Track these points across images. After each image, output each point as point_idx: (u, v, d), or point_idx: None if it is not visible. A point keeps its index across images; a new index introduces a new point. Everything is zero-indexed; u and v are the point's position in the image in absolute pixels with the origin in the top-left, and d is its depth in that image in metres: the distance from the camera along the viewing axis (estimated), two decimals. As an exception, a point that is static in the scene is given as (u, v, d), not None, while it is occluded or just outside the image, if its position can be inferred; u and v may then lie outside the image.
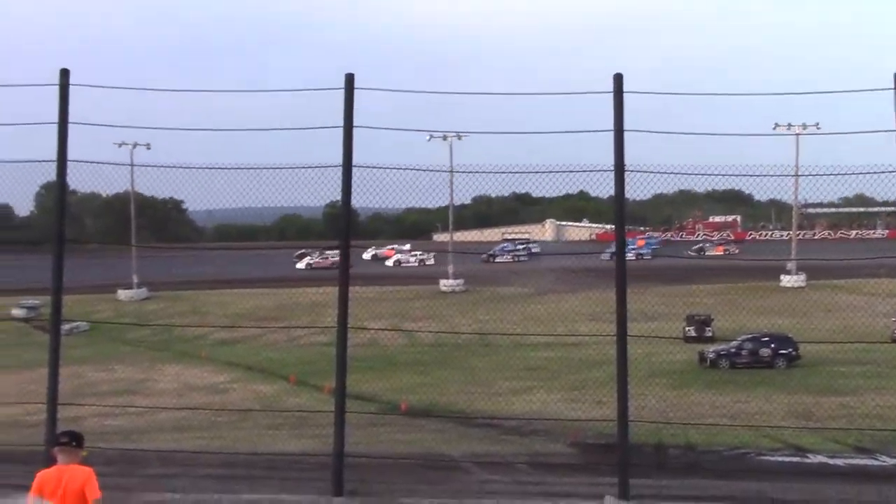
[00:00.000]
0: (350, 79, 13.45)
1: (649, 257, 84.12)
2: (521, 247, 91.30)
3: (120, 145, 53.34)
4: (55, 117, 13.72)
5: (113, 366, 43.83)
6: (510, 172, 15.48)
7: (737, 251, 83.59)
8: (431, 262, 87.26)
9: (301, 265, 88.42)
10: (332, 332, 13.34)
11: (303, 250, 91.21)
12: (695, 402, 32.87)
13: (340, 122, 13.61)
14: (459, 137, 54.96)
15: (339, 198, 13.86)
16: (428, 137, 54.06)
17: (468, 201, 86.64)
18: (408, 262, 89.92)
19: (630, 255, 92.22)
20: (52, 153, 13.91)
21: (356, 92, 13.49)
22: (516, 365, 41.30)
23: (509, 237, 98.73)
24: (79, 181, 14.61)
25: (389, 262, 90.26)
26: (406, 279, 72.14)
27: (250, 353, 47.90)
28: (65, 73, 13.53)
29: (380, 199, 15.17)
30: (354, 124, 13.48)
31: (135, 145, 54.26)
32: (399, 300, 62.00)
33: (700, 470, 22.15)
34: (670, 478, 19.31)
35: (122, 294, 72.60)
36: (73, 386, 14.38)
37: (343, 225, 13.82)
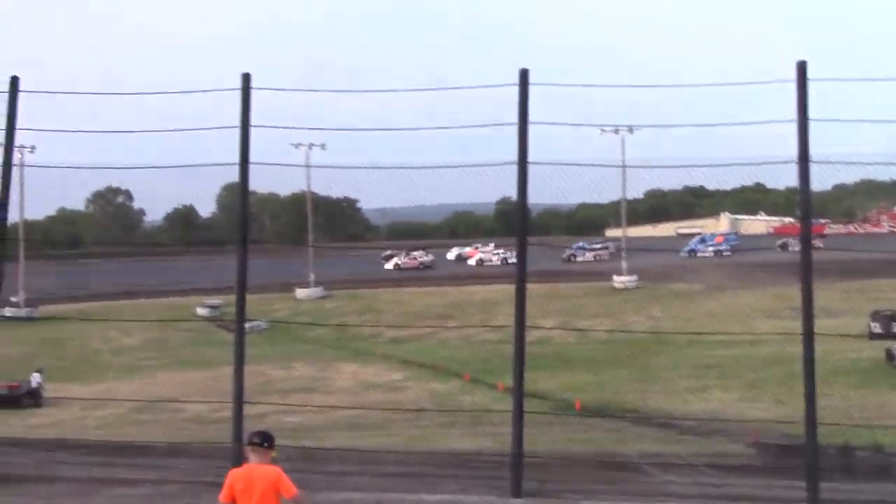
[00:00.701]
0: (524, 74, 13.31)
1: (729, 253, 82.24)
2: (598, 245, 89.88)
3: (296, 146, 54.59)
4: (225, 121, 14.06)
5: (292, 364, 44.87)
6: (683, 167, 15.10)
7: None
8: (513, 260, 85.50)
9: (389, 266, 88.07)
10: (505, 329, 13.25)
11: (388, 252, 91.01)
12: (883, 402, 31.57)
13: (505, 118, 13.56)
14: (631, 131, 54.12)
15: (510, 194, 13.76)
16: (599, 131, 53.43)
17: (641, 196, 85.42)
18: (490, 260, 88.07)
19: (709, 252, 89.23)
20: (225, 155, 14.25)
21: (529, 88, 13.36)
22: (692, 363, 40.51)
23: (683, 231, 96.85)
24: (257, 182, 14.92)
25: (472, 262, 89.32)
26: (579, 276, 71.58)
27: (424, 351, 48.35)
28: (246, 78, 13.80)
29: (552, 194, 15.01)
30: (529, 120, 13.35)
31: (311, 146, 55.45)
32: (571, 297, 61.62)
33: (891, 474, 21.18)
34: (859, 482, 18.50)
35: (300, 293, 74.38)
36: (254, 383, 14.70)
37: (519, 221, 13.69)
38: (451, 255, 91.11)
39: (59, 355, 51.03)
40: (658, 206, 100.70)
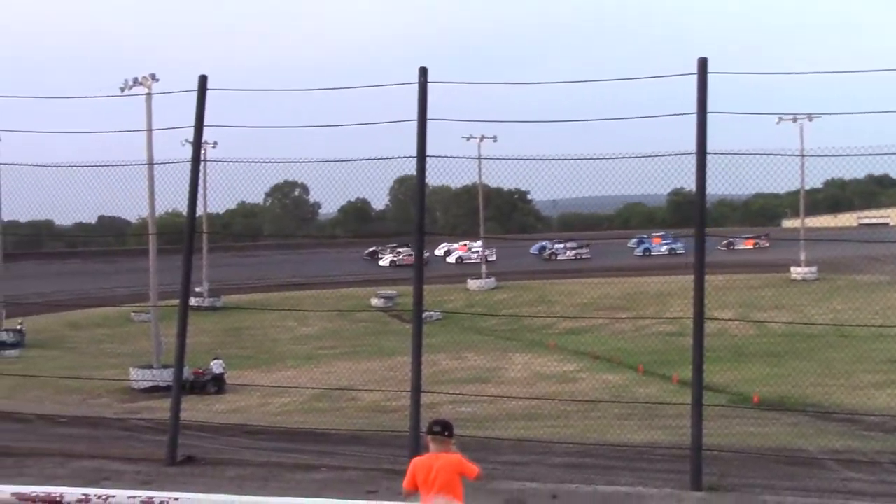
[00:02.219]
0: (703, 63, 13.08)
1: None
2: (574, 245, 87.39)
3: (468, 139, 55.07)
4: (396, 115, 14.27)
5: (465, 354, 45.18)
6: (867, 155, 14.56)
7: None
8: (494, 258, 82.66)
9: (384, 262, 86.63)
10: (679, 321, 13.07)
11: (375, 248, 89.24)
12: None
13: (682, 108, 13.37)
14: (810, 119, 52.71)
15: (682, 184, 13.55)
16: (777, 120, 52.20)
17: (819, 185, 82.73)
18: (470, 258, 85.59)
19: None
20: (397, 148, 14.46)
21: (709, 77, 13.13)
22: (877, 357, 39.03)
23: (865, 222, 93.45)
24: (430, 175, 15.08)
25: (451, 259, 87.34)
26: (754, 267, 69.92)
27: (598, 343, 48.02)
28: (423, 72, 13.98)
29: (727, 184, 14.72)
30: (708, 110, 13.13)
31: (482, 138, 55.82)
32: (747, 288, 60.21)
33: None
34: None
35: (472, 284, 74.96)
36: (428, 373, 14.87)
37: (698, 212, 13.44)
38: (440, 251, 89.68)
39: (239, 344, 52.82)
40: (838, 196, 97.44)
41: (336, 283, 71.31)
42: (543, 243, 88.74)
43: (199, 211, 17.27)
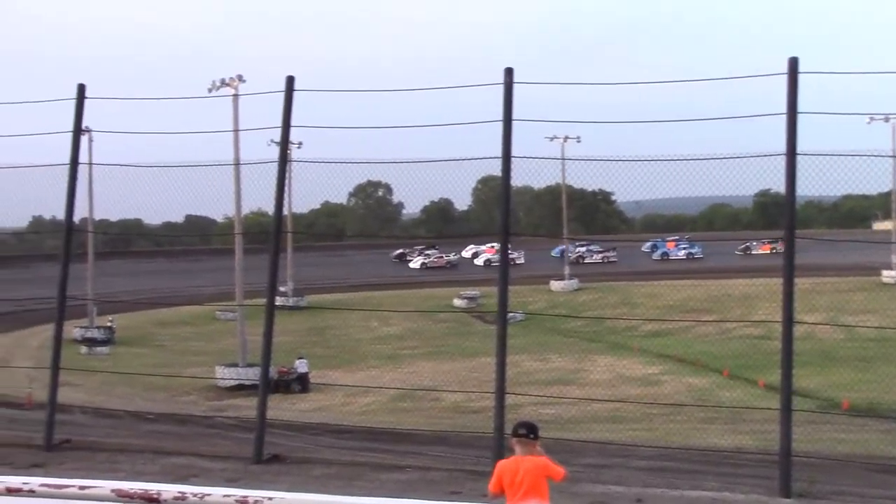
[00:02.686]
0: (794, 63, 12.89)
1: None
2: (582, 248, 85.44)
3: (551, 139, 54.90)
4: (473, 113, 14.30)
5: (547, 355, 45.02)
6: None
7: None
8: (521, 261, 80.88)
9: (415, 265, 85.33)
10: (765, 325, 12.88)
11: (403, 250, 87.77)
12: None
13: (767, 109, 13.21)
14: (902, 119, 51.72)
15: (769, 186, 13.38)
16: (868, 120, 51.24)
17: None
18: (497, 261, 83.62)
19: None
20: (479, 148, 14.48)
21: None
22: (974, 363, 38.05)
23: None
24: (513, 175, 15.07)
25: (479, 262, 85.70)
26: (843, 270, 68.59)
27: (681, 346, 47.55)
28: (509, 73, 13.97)
29: (816, 186, 14.49)
30: (798, 110, 12.94)
31: (565, 139, 55.63)
32: (836, 292, 59.08)
33: None
34: None
35: (555, 285, 74.70)
36: (511, 374, 14.84)
37: (788, 214, 13.25)
38: (467, 252, 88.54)
39: (323, 343, 53.25)
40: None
41: (418, 283, 71.62)
42: (562, 246, 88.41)
43: (284, 211, 17.47)
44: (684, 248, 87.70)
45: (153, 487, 4.31)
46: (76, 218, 18.68)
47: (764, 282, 50.81)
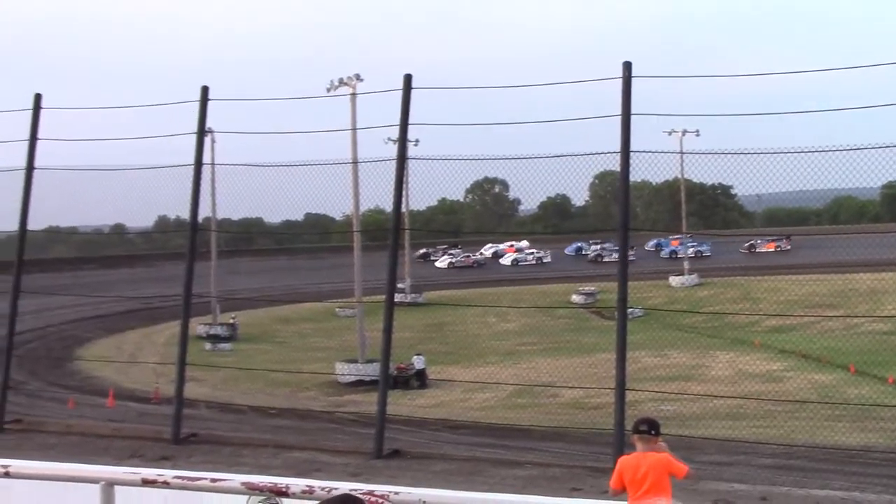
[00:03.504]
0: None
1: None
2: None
3: (669, 133, 54.19)
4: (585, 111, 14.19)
5: (666, 351, 44.50)
6: None
7: None
8: (548, 259, 79.20)
9: (442, 264, 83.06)
10: (894, 320, 12.49)
11: (426, 249, 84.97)
12: None
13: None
14: None
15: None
16: None
17: None
18: (526, 260, 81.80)
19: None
20: (593, 144, 14.39)
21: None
22: None
23: None
24: (631, 170, 14.95)
25: (506, 261, 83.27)
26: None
27: (805, 341, 46.48)
28: (627, 67, 13.86)
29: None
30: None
31: (684, 132, 54.83)
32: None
33: None
34: None
35: (674, 280, 73.74)
36: (630, 370, 14.71)
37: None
38: (487, 251, 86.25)
39: (441, 339, 53.47)
40: None
41: (535, 280, 71.37)
42: (579, 244, 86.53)
43: (402, 208, 17.64)
44: (692, 246, 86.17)
45: (282, 481, 4.40)
46: (200, 217, 19.12)
47: (892, 276, 49.47)
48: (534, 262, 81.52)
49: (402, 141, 15.82)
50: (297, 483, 4.33)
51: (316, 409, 30.86)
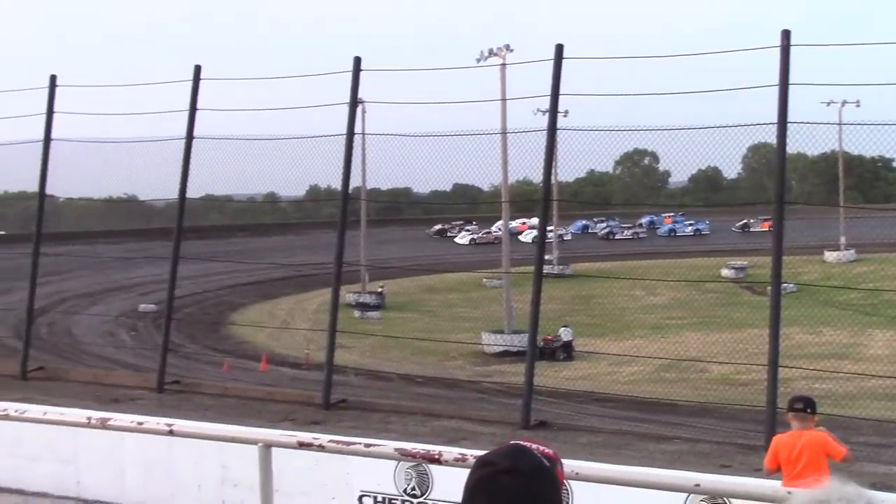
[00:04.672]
0: None
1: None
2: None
3: (828, 104, 52.49)
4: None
5: (820, 328, 43.36)
6: None
7: None
8: (569, 237, 75.03)
9: (462, 241, 78.32)
10: None
11: (442, 225, 80.00)
12: None
13: None
14: None
15: None
16: None
17: None
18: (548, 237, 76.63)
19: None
20: (745, 115, 14.04)
21: None
22: None
23: None
24: (787, 142, 14.57)
25: (527, 238, 78.43)
26: None
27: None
28: (786, 35, 13.54)
29: None
30: None
31: (843, 103, 53.08)
32: None
33: None
34: None
35: (829, 256, 71.70)
36: (782, 347, 14.36)
37: None
38: (495, 229, 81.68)
39: (587, 311, 53.18)
40: None
41: (684, 253, 70.31)
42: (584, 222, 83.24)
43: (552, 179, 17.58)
44: (690, 225, 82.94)
45: (434, 448, 4.44)
46: (350, 187, 19.39)
47: None
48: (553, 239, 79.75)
49: (553, 111, 15.74)
50: (450, 451, 4.37)
51: (462, 379, 31.12)
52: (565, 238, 77.41)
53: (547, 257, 65.07)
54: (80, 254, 40.69)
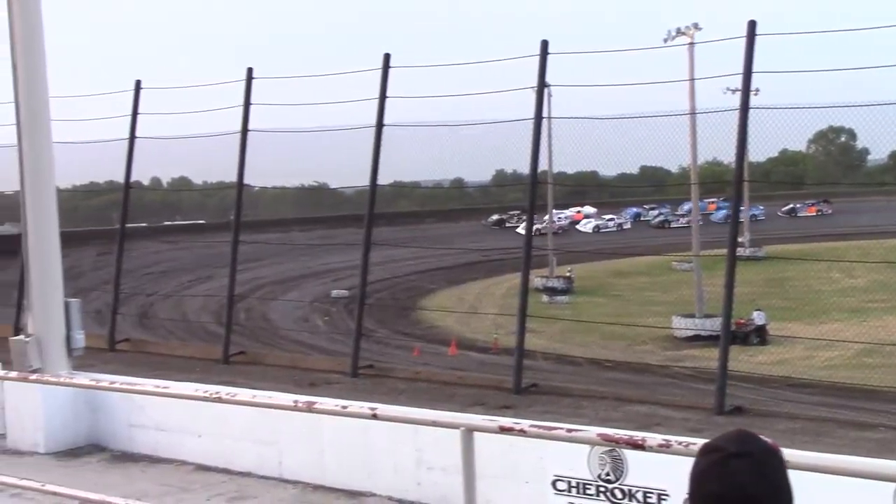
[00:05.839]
0: None
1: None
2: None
3: None
4: None
5: None
6: None
7: None
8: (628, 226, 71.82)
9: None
10: None
11: (500, 215, 72.07)
12: None
13: None
14: None
15: None
16: None
17: None
18: (607, 227, 72.70)
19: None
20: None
21: None
22: None
23: None
24: None
25: (587, 228, 73.06)
26: None
27: None
28: None
29: None
30: None
31: None
32: None
33: None
34: None
35: None
36: None
37: None
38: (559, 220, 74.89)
39: (781, 295, 51.72)
40: None
41: (885, 233, 67.54)
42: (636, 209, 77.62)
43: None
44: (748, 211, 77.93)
45: (637, 435, 4.39)
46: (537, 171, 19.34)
47: None
48: (614, 227, 75.67)
49: (746, 90, 15.34)
50: (654, 437, 4.31)
51: (652, 363, 30.75)
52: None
53: (738, 239, 63.78)
54: (276, 241, 41.98)
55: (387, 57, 19.06)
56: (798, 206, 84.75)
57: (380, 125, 19.14)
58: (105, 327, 23.45)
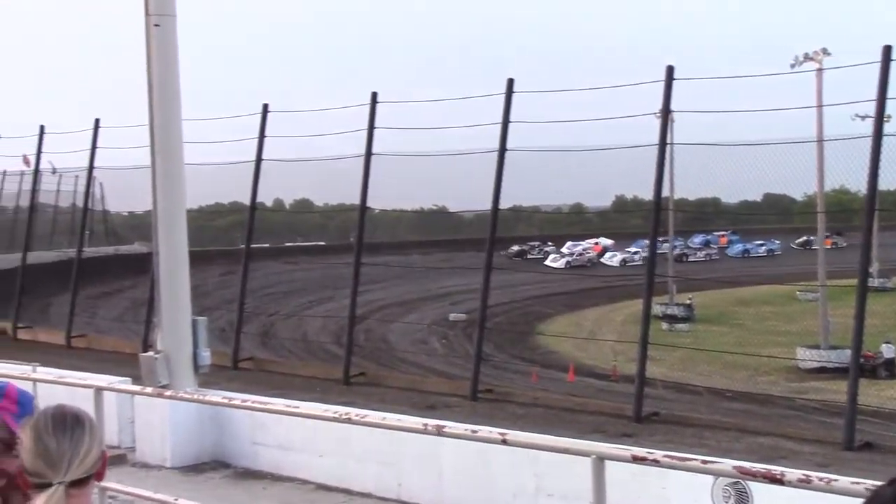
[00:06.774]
0: None
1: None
2: None
3: None
4: None
5: None
6: None
7: None
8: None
9: (558, 264, 63.76)
10: None
11: (520, 246, 64.61)
12: None
13: None
14: None
15: None
16: None
17: None
18: (632, 260, 64.18)
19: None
20: None
21: None
22: None
23: None
24: None
25: (613, 262, 65.60)
26: None
27: None
28: None
29: None
30: None
31: None
32: None
33: None
34: None
35: None
36: None
37: None
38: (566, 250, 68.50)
39: (912, 326, 50.11)
40: None
41: None
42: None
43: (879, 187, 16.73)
44: (763, 245, 72.94)
45: (776, 469, 4.28)
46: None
47: None
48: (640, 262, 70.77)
49: (879, 117, 14.97)
50: (793, 472, 4.19)
51: (775, 395, 30.03)
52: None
53: (869, 269, 62.01)
54: (397, 264, 42.31)
55: (510, 82, 19.11)
56: None
57: (502, 150, 19.17)
58: (228, 345, 23.90)
